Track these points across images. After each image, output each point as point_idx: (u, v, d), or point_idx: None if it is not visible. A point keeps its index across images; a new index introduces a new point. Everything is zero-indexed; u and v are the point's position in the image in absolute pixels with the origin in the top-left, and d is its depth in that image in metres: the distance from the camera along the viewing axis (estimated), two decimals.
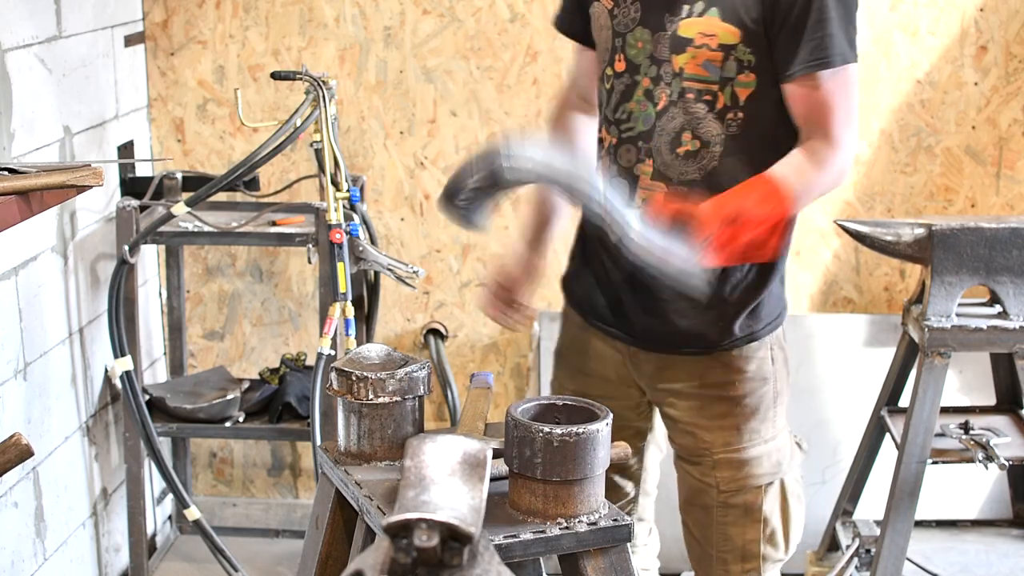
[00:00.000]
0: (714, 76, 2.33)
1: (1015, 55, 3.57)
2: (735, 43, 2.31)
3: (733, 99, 2.34)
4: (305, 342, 3.82)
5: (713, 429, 2.48)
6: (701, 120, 2.35)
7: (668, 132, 2.38)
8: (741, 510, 2.50)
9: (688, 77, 2.34)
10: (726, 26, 2.30)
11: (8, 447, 2.01)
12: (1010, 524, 3.68)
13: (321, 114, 3.06)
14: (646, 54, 2.39)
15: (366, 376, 2.12)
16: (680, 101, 2.36)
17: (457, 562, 1.37)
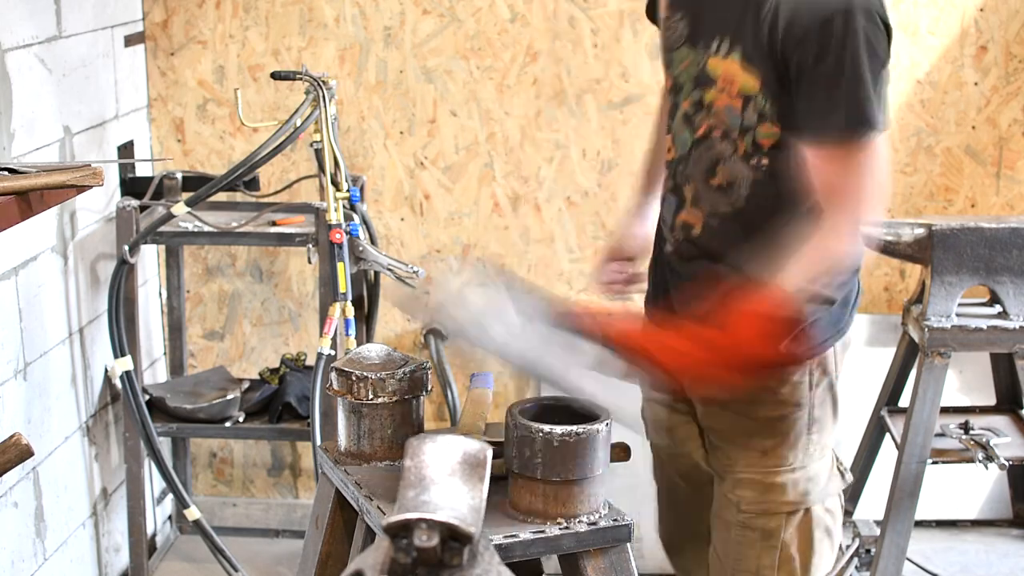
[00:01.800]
0: (735, 123, 2.20)
1: (1015, 55, 3.57)
2: (755, 93, 2.16)
3: (755, 147, 2.19)
4: (305, 342, 3.82)
5: (739, 447, 2.35)
6: (728, 159, 2.23)
7: (703, 162, 2.27)
8: (759, 533, 2.36)
9: (715, 113, 2.23)
10: (747, 75, 2.15)
11: (8, 447, 2.01)
12: (1010, 524, 3.68)
13: (321, 114, 3.06)
14: (689, 75, 2.26)
15: (366, 376, 2.12)
16: (711, 137, 2.25)
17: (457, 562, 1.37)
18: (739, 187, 2.23)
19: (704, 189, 2.27)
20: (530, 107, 3.66)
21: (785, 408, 2.30)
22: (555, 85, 3.63)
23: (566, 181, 3.68)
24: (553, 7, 3.59)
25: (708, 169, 2.26)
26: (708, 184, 2.26)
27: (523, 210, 3.71)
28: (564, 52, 3.61)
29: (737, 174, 2.23)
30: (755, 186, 2.22)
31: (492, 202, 3.72)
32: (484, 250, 3.73)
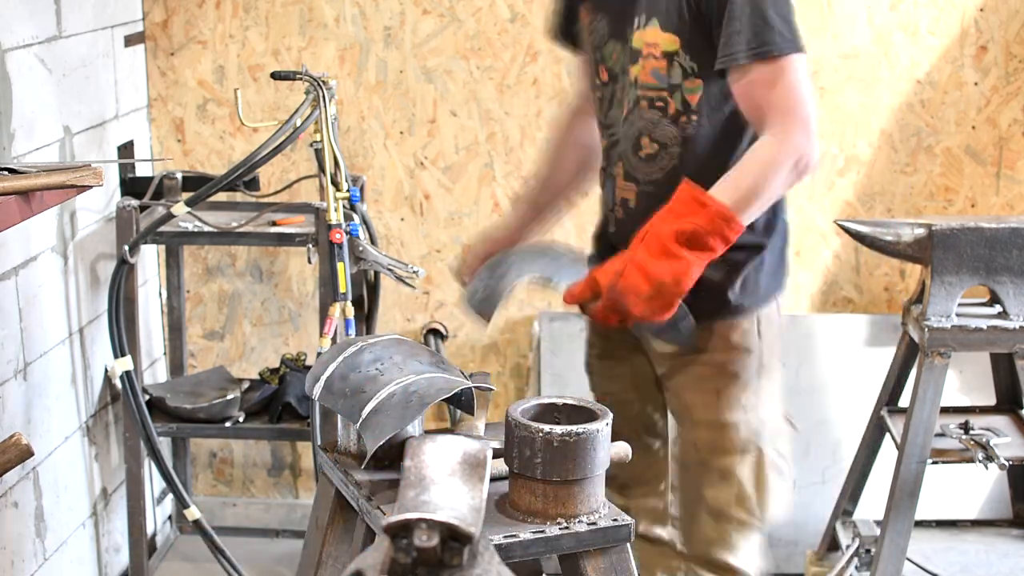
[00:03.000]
0: (662, 83, 2.43)
1: (1015, 55, 3.57)
2: (676, 50, 2.40)
3: (684, 104, 2.43)
4: (305, 342, 3.82)
5: (695, 391, 2.57)
6: (656, 124, 2.46)
7: (630, 137, 2.51)
8: (716, 472, 2.57)
9: (641, 86, 2.46)
10: (666, 35, 2.40)
11: (8, 447, 2.01)
12: (1010, 524, 3.68)
13: (321, 114, 3.05)
14: (620, 65, 2.52)
15: None
16: (636, 108, 2.48)
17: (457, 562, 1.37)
18: (669, 149, 2.47)
19: (635, 162, 2.51)
20: (530, 107, 3.66)
21: (736, 353, 2.54)
22: (555, 85, 3.63)
23: None
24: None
25: (635, 142, 2.50)
26: (637, 156, 2.51)
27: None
28: (564, 52, 3.61)
29: (666, 137, 2.46)
30: (684, 144, 2.45)
31: (492, 202, 3.72)
32: None
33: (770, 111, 2.32)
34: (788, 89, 2.32)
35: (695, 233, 2.29)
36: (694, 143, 2.45)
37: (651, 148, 2.48)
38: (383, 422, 2.03)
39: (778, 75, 2.32)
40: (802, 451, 3.61)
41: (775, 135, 2.32)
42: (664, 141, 2.47)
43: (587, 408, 2.11)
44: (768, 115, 2.33)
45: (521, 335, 3.78)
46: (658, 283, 2.29)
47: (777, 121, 2.32)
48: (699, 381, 2.57)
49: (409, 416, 2.02)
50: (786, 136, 2.31)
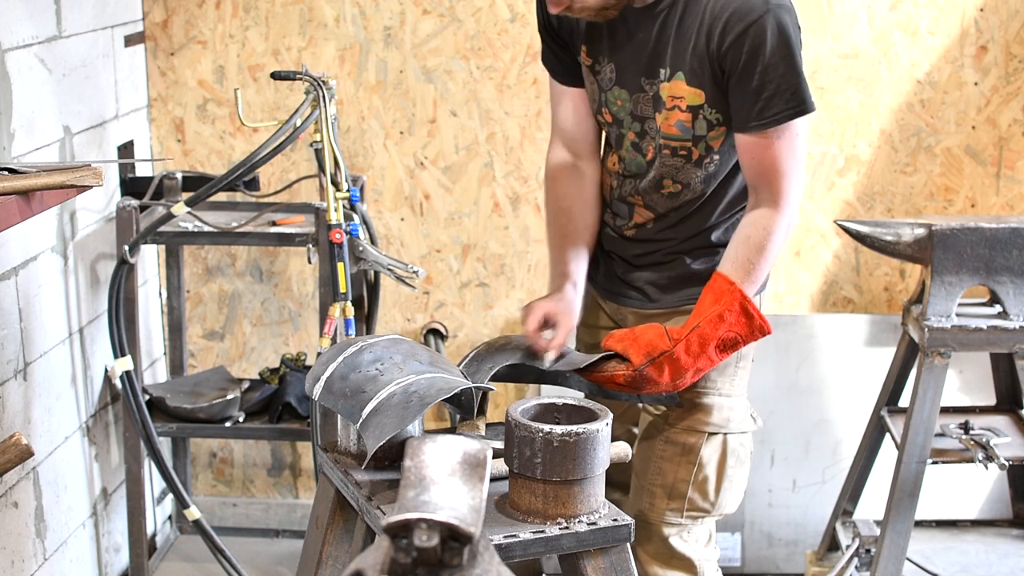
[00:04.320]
0: (687, 135, 2.51)
1: (1015, 55, 3.57)
2: (701, 104, 2.47)
3: (707, 149, 2.52)
4: (305, 342, 3.82)
5: None
6: (680, 170, 2.55)
7: (653, 180, 2.59)
8: (680, 448, 2.62)
9: (664, 135, 2.52)
10: (692, 89, 2.46)
11: (8, 447, 2.01)
12: (1010, 524, 3.68)
13: (321, 114, 3.06)
14: (626, 111, 2.57)
15: None
16: (659, 156, 2.55)
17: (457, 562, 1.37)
18: (691, 187, 2.57)
19: (656, 198, 2.61)
20: (530, 107, 3.66)
21: None
22: None
23: None
24: None
25: (657, 184, 2.58)
26: (660, 193, 2.60)
27: (523, 210, 3.71)
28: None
29: (689, 178, 2.56)
30: (706, 180, 2.57)
31: (492, 202, 3.72)
32: (484, 250, 3.73)
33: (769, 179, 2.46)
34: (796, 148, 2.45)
35: (735, 343, 2.46)
36: (715, 176, 2.57)
37: (674, 188, 2.58)
38: (383, 422, 2.03)
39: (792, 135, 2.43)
40: (802, 451, 3.61)
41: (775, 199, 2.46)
42: (687, 181, 2.57)
43: (587, 408, 2.11)
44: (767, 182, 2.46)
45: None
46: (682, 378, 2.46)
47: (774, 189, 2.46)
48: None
49: (409, 416, 2.02)
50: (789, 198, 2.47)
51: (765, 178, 2.47)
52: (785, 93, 2.39)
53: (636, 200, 2.64)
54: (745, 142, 2.45)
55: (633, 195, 2.64)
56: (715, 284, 2.47)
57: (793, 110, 2.40)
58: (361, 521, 2.11)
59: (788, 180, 2.46)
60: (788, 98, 2.39)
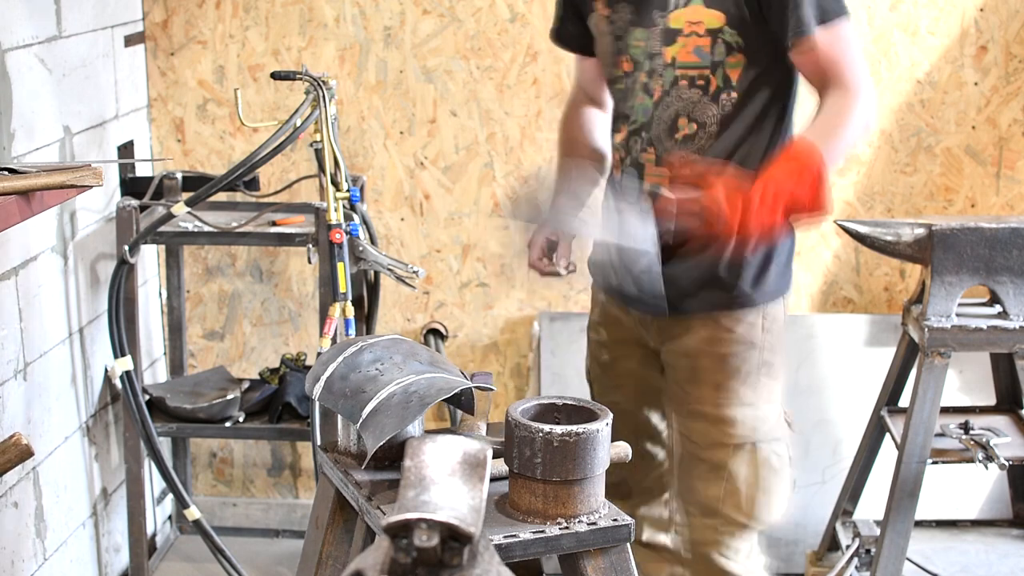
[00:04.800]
0: (705, 61, 2.45)
1: (1015, 55, 3.57)
2: (720, 26, 2.42)
3: (725, 80, 2.45)
4: (305, 342, 3.82)
5: (695, 382, 2.56)
6: (696, 104, 2.48)
7: (665, 120, 2.50)
8: (708, 465, 2.55)
9: (680, 65, 2.47)
10: (710, 12, 2.42)
11: (8, 447, 2.01)
12: (1010, 524, 3.68)
13: (321, 114, 3.06)
14: (644, 52, 2.51)
15: None
16: (674, 89, 2.49)
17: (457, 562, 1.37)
18: (707, 128, 2.48)
19: (669, 145, 2.51)
20: (530, 107, 3.66)
21: (739, 346, 2.54)
22: (555, 85, 3.63)
23: None
24: (553, 7, 3.59)
25: (671, 124, 2.50)
26: (672, 139, 2.50)
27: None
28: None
29: (705, 116, 2.48)
30: (722, 123, 2.47)
31: (492, 202, 3.72)
32: (484, 250, 3.73)
33: (838, 73, 2.38)
34: (849, 50, 2.40)
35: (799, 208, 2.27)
36: (731, 122, 2.48)
37: (689, 129, 2.49)
38: (383, 422, 2.03)
39: (839, 39, 2.39)
40: (802, 451, 3.61)
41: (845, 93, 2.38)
42: (703, 120, 2.48)
43: (587, 408, 2.11)
44: (835, 77, 2.38)
45: (521, 335, 3.78)
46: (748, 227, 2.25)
47: (844, 81, 2.38)
48: (699, 372, 2.56)
49: (409, 416, 2.02)
50: (858, 91, 2.38)
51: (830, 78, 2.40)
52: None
53: (649, 154, 2.53)
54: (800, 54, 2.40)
55: (645, 149, 2.54)
56: (796, 145, 2.34)
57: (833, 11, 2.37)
58: (361, 521, 2.11)
59: (854, 69, 2.40)
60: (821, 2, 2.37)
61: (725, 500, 2.56)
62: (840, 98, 2.38)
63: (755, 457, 2.56)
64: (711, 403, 2.54)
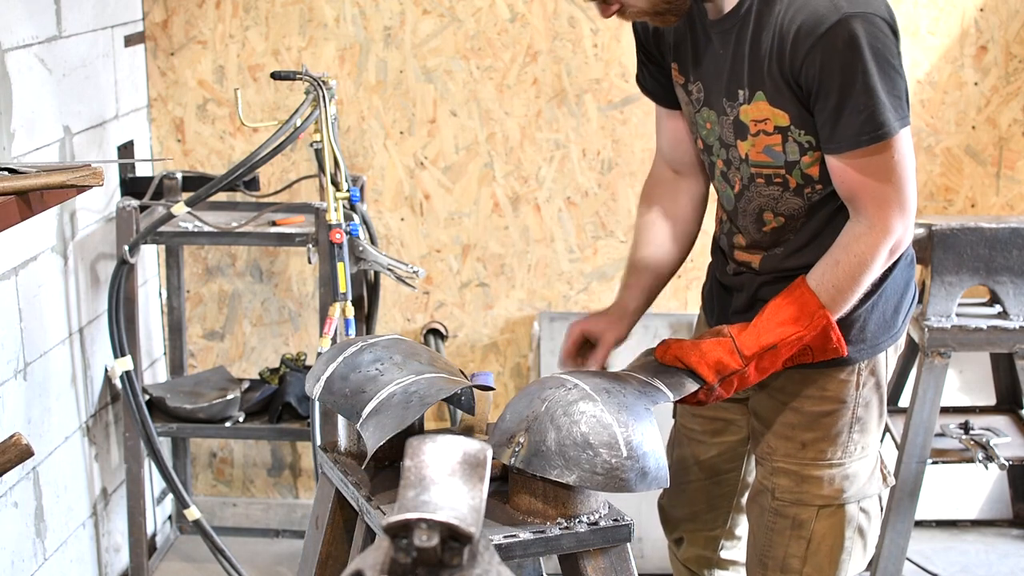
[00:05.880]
0: (778, 161, 2.25)
1: (1015, 55, 3.57)
2: (787, 125, 2.21)
3: (806, 178, 2.25)
4: (305, 342, 3.82)
5: (780, 436, 2.39)
6: (779, 200, 2.29)
7: (750, 212, 2.34)
8: (790, 522, 2.40)
9: (754, 164, 2.28)
10: (775, 111, 2.21)
11: (8, 447, 2.01)
12: (1010, 524, 3.68)
13: (321, 114, 3.06)
14: (715, 136, 2.33)
15: None
16: (752, 185, 2.30)
17: (457, 562, 1.37)
18: (797, 218, 2.30)
19: (758, 236, 2.35)
20: (530, 107, 3.66)
21: (829, 404, 2.35)
22: (555, 85, 3.63)
23: (566, 181, 3.69)
24: (553, 7, 3.59)
25: (756, 218, 2.33)
26: (761, 231, 2.34)
27: (523, 210, 3.71)
28: (564, 52, 3.62)
29: (791, 209, 2.29)
30: (811, 210, 2.28)
31: (492, 202, 3.72)
32: (484, 250, 3.73)
33: (867, 195, 2.17)
34: (890, 170, 2.16)
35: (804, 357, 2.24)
36: (821, 207, 2.28)
37: (776, 222, 2.32)
38: (383, 422, 2.03)
39: (882, 156, 2.15)
40: None
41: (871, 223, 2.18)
42: (790, 213, 2.30)
43: None
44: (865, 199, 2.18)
45: (521, 335, 3.78)
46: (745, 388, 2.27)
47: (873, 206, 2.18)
48: (786, 428, 2.39)
49: (409, 416, 2.02)
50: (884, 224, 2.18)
51: (854, 203, 2.20)
52: (861, 115, 2.10)
53: (740, 239, 2.38)
54: (830, 164, 2.19)
55: (736, 231, 2.39)
56: (802, 298, 2.21)
57: (870, 135, 2.11)
58: (361, 521, 2.11)
59: (880, 204, 2.17)
60: (864, 120, 2.11)
61: (806, 560, 2.40)
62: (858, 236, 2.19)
63: (842, 517, 2.39)
64: (797, 460, 2.37)
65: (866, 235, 2.18)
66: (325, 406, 2.16)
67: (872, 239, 2.18)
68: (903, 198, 2.18)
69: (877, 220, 2.17)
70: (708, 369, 2.21)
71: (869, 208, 2.17)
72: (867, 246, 2.18)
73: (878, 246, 2.18)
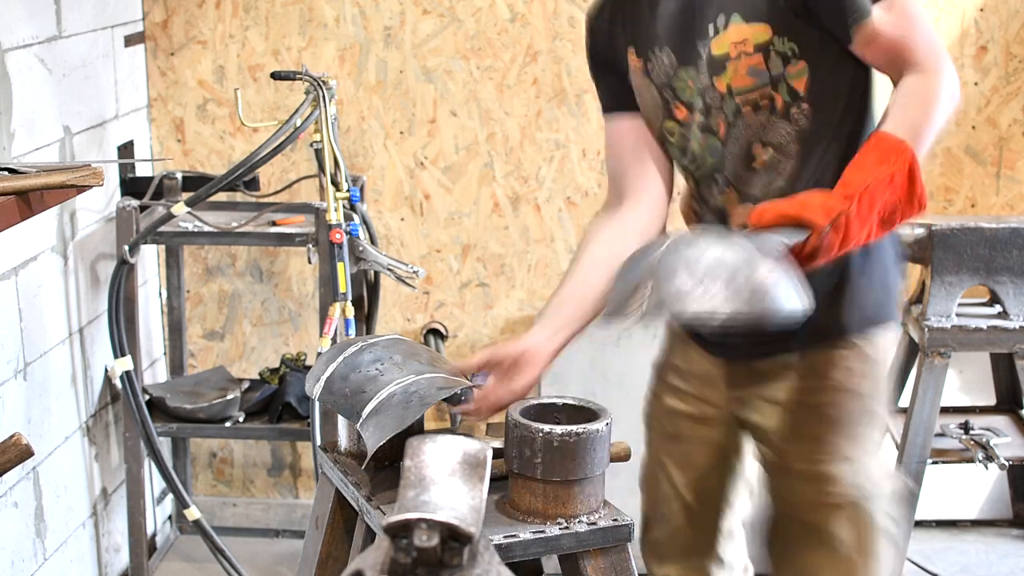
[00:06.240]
0: (763, 80, 2.15)
1: (1015, 55, 3.57)
2: (769, 39, 2.13)
3: (791, 94, 2.16)
4: (305, 342, 3.82)
5: (791, 438, 2.26)
6: (766, 127, 2.18)
7: (737, 153, 2.21)
8: (809, 529, 2.27)
9: (738, 92, 2.17)
10: (752, 27, 2.13)
11: (8, 447, 2.01)
12: (1010, 524, 3.68)
13: (321, 114, 3.06)
14: (696, 90, 2.23)
15: None
16: (739, 120, 2.19)
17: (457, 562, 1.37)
18: (786, 148, 2.18)
19: (749, 179, 2.21)
20: (530, 107, 3.66)
21: (837, 394, 2.22)
22: (555, 85, 3.63)
23: (566, 181, 3.69)
24: (553, 7, 3.59)
25: (745, 155, 2.20)
26: (751, 169, 2.20)
27: (523, 210, 3.71)
28: (564, 52, 3.61)
29: (780, 137, 2.18)
30: (802, 140, 2.17)
31: (492, 202, 3.72)
32: (484, 250, 3.73)
33: (909, 55, 2.11)
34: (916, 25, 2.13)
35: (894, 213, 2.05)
36: (812, 136, 2.18)
37: (765, 154, 2.19)
38: (383, 422, 2.03)
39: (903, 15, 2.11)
40: None
41: (922, 67, 2.12)
42: (779, 142, 2.18)
43: (587, 408, 2.11)
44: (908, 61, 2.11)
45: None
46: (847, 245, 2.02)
47: (919, 59, 2.11)
48: (795, 427, 2.24)
49: (409, 416, 2.02)
50: (937, 69, 2.12)
51: (897, 63, 2.12)
52: None
53: (729, 195, 2.24)
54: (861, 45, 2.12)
55: (725, 190, 2.24)
56: (881, 142, 2.07)
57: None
58: (361, 521, 2.11)
59: (925, 48, 2.11)
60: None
61: (826, 567, 2.26)
62: (918, 80, 2.12)
63: (859, 517, 2.25)
64: (807, 459, 2.23)
65: (922, 78, 2.12)
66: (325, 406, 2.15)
67: (929, 79, 2.12)
68: (940, 43, 2.16)
69: (928, 63, 2.11)
70: (816, 212, 1.98)
71: (916, 55, 2.11)
72: (928, 86, 2.12)
73: (938, 84, 2.13)
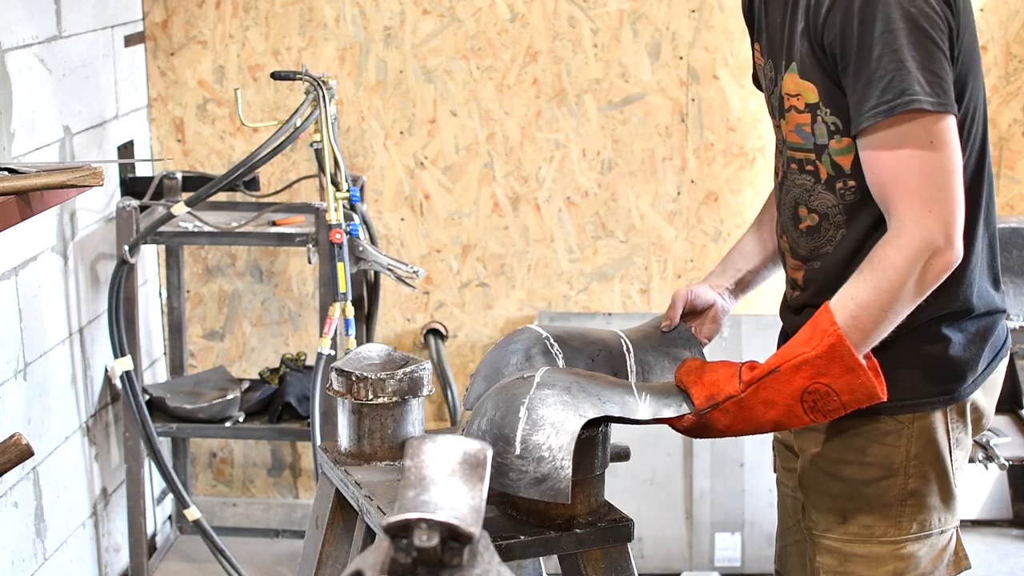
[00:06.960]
0: (808, 143, 1.95)
1: (1015, 55, 3.57)
2: (816, 102, 1.91)
3: (836, 168, 1.93)
4: (305, 342, 3.82)
5: (820, 508, 2.05)
6: (811, 192, 1.98)
7: (787, 207, 2.04)
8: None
9: (791, 146, 1.99)
10: (805, 84, 1.92)
11: (8, 447, 2.01)
12: (1010, 524, 3.68)
13: (321, 114, 3.06)
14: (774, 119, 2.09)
15: (366, 376, 2.12)
16: (790, 172, 2.01)
17: (457, 562, 1.37)
18: (832, 219, 1.97)
19: (797, 237, 2.03)
20: (530, 107, 3.66)
21: (873, 471, 2.00)
22: (555, 85, 3.63)
23: (566, 181, 3.69)
24: (553, 7, 3.59)
25: (793, 213, 2.02)
26: (799, 230, 2.02)
27: (523, 210, 3.71)
28: (564, 52, 3.62)
29: (824, 207, 1.97)
30: (849, 214, 1.95)
31: (492, 202, 3.72)
32: (484, 250, 3.73)
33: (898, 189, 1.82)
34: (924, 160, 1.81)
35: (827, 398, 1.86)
36: (860, 213, 1.93)
37: (811, 220, 1.99)
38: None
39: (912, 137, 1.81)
40: None
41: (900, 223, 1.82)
42: (823, 212, 1.97)
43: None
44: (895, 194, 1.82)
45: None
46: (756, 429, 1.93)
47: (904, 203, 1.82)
48: (827, 498, 2.04)
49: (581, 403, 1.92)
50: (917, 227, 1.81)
51: (885, 201, 1.85)
52: (883, 80, 1.78)
53: (784, 243, 2.07)
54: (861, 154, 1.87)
55: (782, 237, 2.09)
56: (817, 316, 1.86)
57: (889, 104, 1.78)
58: (361, 521, 2.11)
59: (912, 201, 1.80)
60: (886, 86, 1.78)
61: None
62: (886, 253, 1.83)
63: None
64: (838, 536, 2.02)
65: (895, 239, 1.82)
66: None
67: (901, 244, 1.81)
68: (944, 198, 1.81)
69: (908, 220, 1.81)
70: (700, 391, 1.92)
71: (900, 206, 1.81)
72: (895, 252, 1.81)
73: (909, 254, 1.80)
